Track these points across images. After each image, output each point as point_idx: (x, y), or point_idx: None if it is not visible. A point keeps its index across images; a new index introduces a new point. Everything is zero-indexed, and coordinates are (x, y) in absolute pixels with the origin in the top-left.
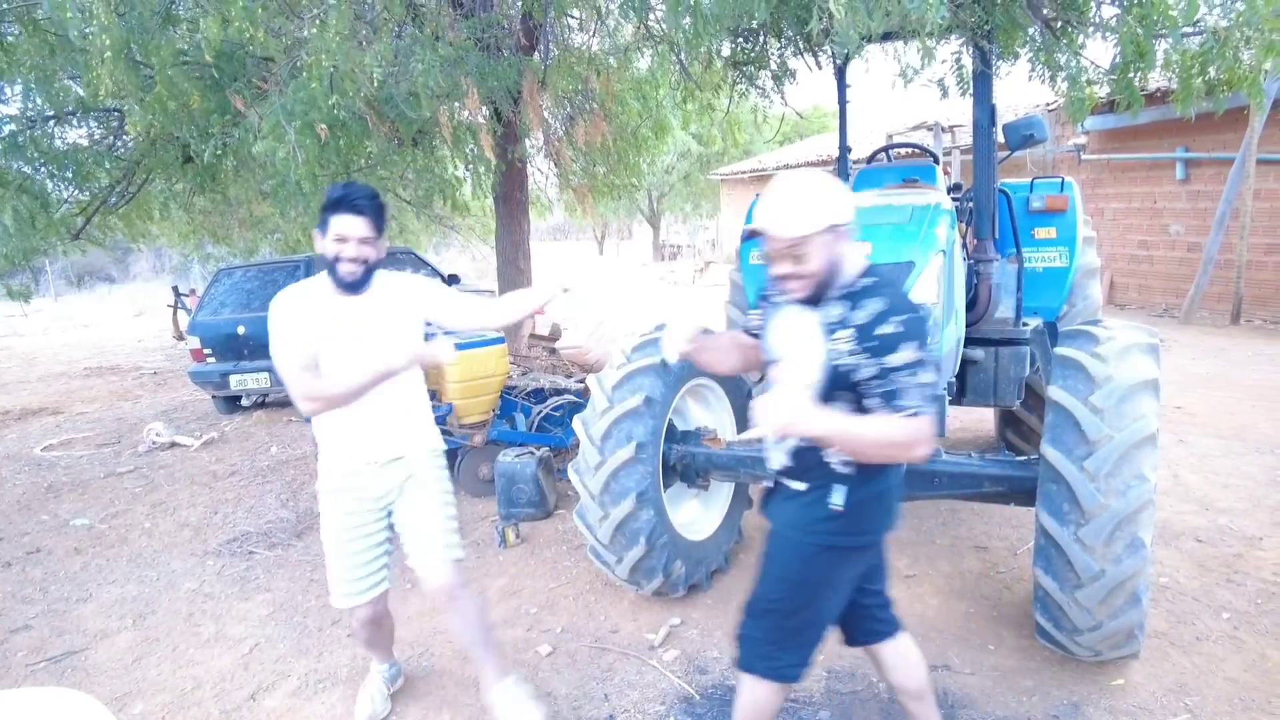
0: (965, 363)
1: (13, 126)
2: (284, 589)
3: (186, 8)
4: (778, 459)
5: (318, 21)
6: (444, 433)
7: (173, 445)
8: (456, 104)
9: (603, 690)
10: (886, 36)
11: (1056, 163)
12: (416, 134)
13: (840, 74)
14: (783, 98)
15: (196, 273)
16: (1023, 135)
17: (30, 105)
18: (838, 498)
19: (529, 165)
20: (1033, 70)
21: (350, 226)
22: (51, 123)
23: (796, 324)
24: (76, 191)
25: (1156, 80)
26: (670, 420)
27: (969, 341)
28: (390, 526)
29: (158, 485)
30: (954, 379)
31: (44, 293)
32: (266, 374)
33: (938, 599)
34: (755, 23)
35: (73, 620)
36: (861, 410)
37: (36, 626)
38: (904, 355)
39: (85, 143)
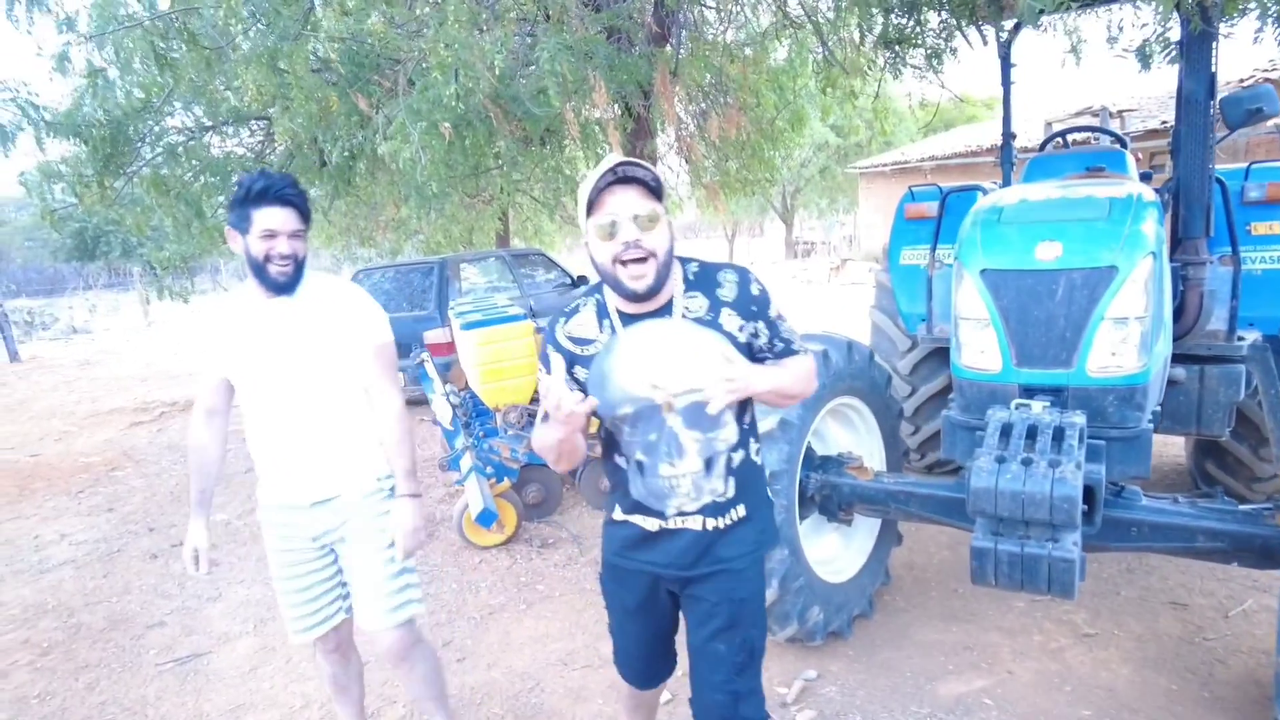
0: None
1: (172, 138)
2: None
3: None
4: (714, 485)
5: (429, 6)
6: None
7: None
8: (584, 100)
9: None
10: (1086, 4)
11: None
12: (545, 132)
13: (1005, 50)
14: (939, 79)
15: (346, 274)
16: (1247, 110)
17: (189, 117)
18: (774, 513)
19: (660, 162)
20: (1260, 29)
21: (279, 219)
22: (208, 133)
23: (659, 335)
24: (226, 199)
25: None
26: (809, 444)
27: (1172, 359)
28: (337, 561)
29: None
30: (1159, 406)
31: (219, 290)
32: (401, 374)
33: (1129, 668)
34: None
35: (202, 620)
36: None
37: (169, 624)
38: (775, 306)
39: (239, 151)
